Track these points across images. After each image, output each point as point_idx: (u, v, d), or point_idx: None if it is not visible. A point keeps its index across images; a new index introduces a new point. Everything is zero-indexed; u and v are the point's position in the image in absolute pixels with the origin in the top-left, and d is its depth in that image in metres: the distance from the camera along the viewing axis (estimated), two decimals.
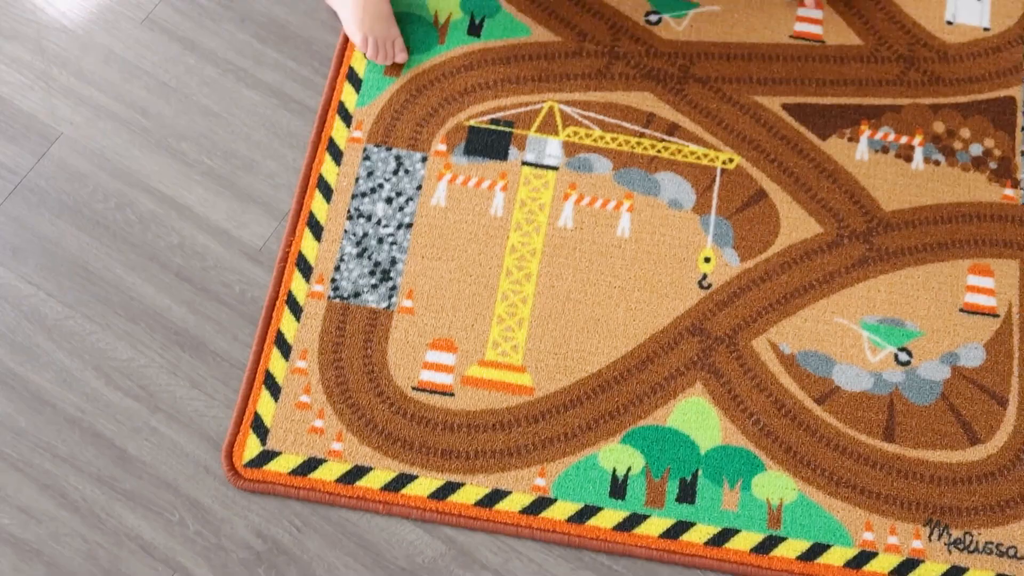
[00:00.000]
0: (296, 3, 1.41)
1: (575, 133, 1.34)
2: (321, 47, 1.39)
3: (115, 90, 1.36)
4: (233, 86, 1.36)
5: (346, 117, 1.34)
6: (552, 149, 1.34)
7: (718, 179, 1.33)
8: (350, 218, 1.29)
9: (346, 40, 1.38)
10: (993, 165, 1.35)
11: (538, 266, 1.28)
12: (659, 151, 1.34)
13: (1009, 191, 1.34)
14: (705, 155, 1.34)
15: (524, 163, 1.33)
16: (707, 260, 1.29)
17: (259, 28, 1.40)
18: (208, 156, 1.33)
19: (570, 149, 1.34)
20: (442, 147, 1.33)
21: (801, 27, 1.42)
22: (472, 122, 1.35)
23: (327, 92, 1.35)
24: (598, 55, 1.39)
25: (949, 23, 1.43)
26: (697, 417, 1.22)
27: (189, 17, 1.40)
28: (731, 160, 1.34)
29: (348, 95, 1.36)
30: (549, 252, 1.29)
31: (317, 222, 1.29)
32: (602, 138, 1.34)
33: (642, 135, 1.35)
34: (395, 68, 1.37)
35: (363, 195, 1.31)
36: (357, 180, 1.31)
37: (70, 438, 1.19)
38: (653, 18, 1.41)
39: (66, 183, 1.31)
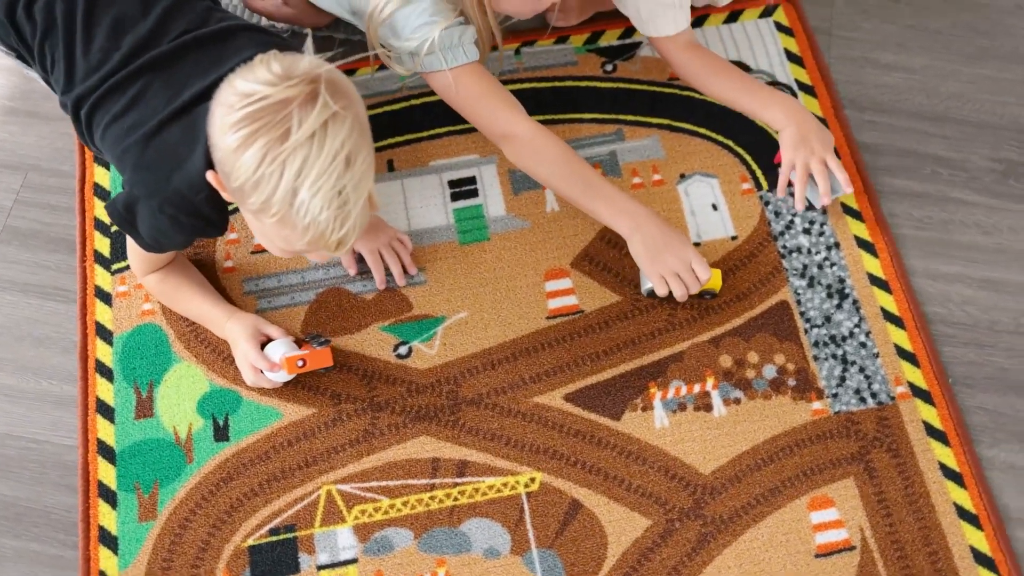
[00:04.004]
0: (21, 473, 1.26)
1: (363, 512, 1.22)
2: (61, 514, 1.23)
3: None
4: None
5: None
6: (344, 540, 1.20)
7: (526, 507, 1.22)
8: None
9: (87, 501, 1.23)
10: (792, 382, 1.29)
11: None
12: (456, 499, 1.22)
13: (817, 404, 1.27)
14: (504, 484, 1.23)
15: (319, 568, 1.19)
16: None
17: None
18: None
19: (363, 532, 1.21)
20: None
21: (555, 303, 1.34)
22: (250, 541, 1.20)
23: (83, 566, 1.20)
24: (359, 414, 1.27)
25: (697, 244, 1.37)
26: None
27: None
28: (532, 480, 1.23)
29: (107, 560, 1.20)
30: None
31: None
32: (392, 506, 1.22)
33: (433, 487, 1.23)
34: (151, 509, 1.22)
35: None
36: None
37: None
38: (403, 350, 1.31)
39: None
